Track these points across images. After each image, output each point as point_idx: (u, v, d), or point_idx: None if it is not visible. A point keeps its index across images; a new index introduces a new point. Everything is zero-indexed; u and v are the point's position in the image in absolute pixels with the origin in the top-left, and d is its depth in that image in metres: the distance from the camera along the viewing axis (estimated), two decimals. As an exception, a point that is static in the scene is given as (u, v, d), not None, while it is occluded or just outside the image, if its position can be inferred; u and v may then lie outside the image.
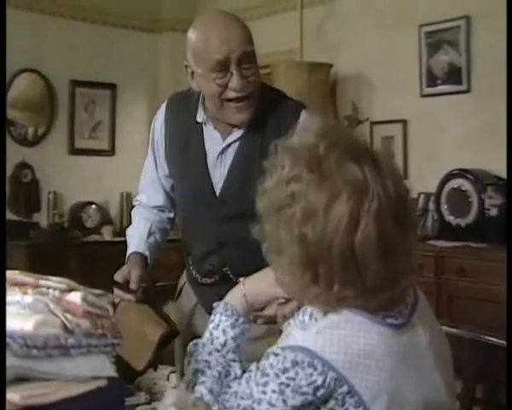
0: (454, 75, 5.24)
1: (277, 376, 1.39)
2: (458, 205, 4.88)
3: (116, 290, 2.30)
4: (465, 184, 4.85)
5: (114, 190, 7.05)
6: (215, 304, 1.75)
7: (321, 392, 1.37)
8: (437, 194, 5.03)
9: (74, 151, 6.91)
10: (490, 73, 4.91)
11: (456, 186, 4.91)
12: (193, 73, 2.34)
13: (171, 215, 2.63)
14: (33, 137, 6.64)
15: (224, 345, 1.65)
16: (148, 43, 7.40)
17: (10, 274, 1.36)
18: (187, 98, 2.45)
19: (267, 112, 2.35)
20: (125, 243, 7.16)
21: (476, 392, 2.24)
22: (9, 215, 6.37)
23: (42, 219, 6.61)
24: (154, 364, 1.98)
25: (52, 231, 6.37)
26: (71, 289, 1.34)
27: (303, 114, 2.35)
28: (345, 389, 1.37)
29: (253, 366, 1.47)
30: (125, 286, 2.33)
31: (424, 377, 1.47)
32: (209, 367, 1.59)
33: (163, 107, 2.58)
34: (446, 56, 5.29)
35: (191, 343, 1.68)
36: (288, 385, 1.38)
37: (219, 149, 2.37)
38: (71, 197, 6.80)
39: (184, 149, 2.45)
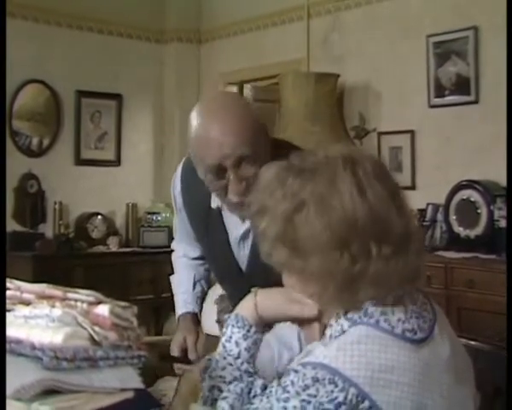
0: (462, 86, 5.25)
1: (298, 393, 1.38)
2: (467, 216, 4.88)
3: (176, 364, 2.24)
4: (474, 195, 4.85)
5: (120, 201, 7.06)
6: (226, 316, 1.73)
7: (343, 408, 1.35)
8: (446, 205, 5.03)
9: (80, 162, 6.92)
10: (498, 84, 4.91)
11: (465, 197, 4.91)
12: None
13: None
14: (38, 148, 6.64)
15: (238, 357, 1.63)
16: (154, 53, 7.43)
17: (39, 287, 1.36)
18: None
19: None
20: (130, 254, 7.16)
21: (495, 406, 2.22)
22: (15, 226, 6.38)
23: (47, 229, 6.60)
24: None
25: (58, 241, 6.36)
26: (99, 302, 1.33)
27: None
28: (366, 404, 1.36)
29: (274, 383, 1.46)
30: (183, 358, 2.30)
31: (446, 390, 1.46)
32: (224, 382, 1.58)
33: (178, 173, 2.44)
34: (454, 67, 5.30)
35: (205, 358, 1.66)
36: (309, 402, 1.36)
37: (240, 234, 2.27)
38: (77, 208, 6.81)
39: (205, 229, 2.37)
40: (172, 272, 2.69)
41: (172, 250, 2.70)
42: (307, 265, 1.47)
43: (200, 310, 2.54)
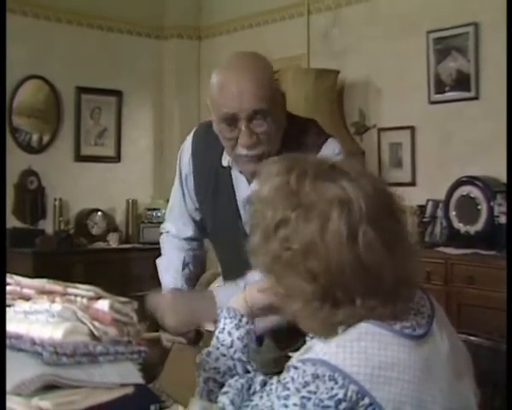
0: (462, 82, 5.24)
1: (298, 390, 1.38)
2: (467, 212, 4.87)
3: (165, 335, 2.25)
4: (474, 192, 4.84)
5: (120, 197, 7.06)
6: (219, 310, 1.77)
7: (343, 405, 1.35)
8: (446, 201, 5.02)
9: (80, 158, 6.90)
10: (498, 80, 4.89)
11: (465, 193, 4.90)
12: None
13: (203, 242, 2.58)
14: (38, 144, 6.63)
15: (231, 346, 1.66)
16: (154, 49, 7.41)
17: (39, 282, 1.36)
18: (213, 134, 2.28)
19: (289, 151, 2.24)
20: (131, 250, 7.12)
21: (495, 402, 2.22)
22: (15, 223, 6.38)
23: (48, 226, 6.60)
24: None
25: (58, 238, 6.35)
26: (98, 297, 1.33)
27: (324, 148, 2.26)
28: (366, 401, 1.36)
29: (274, 379, 1.46)
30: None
31: (446, 387, 1.46)
32: (218, 373, 1.61)
33: (189, 140, 2.47)
34: (455, 63, 5.29)
35: (198, 355, 1.68)
36: (309, 399, 1.36)
37: (245, 196, 2.27)
38: (77, 204, 6.80)
39: (215, 191, 2.37)
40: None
41: (161, 233, 2.67)
42: (289, 301, 1.50)
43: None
